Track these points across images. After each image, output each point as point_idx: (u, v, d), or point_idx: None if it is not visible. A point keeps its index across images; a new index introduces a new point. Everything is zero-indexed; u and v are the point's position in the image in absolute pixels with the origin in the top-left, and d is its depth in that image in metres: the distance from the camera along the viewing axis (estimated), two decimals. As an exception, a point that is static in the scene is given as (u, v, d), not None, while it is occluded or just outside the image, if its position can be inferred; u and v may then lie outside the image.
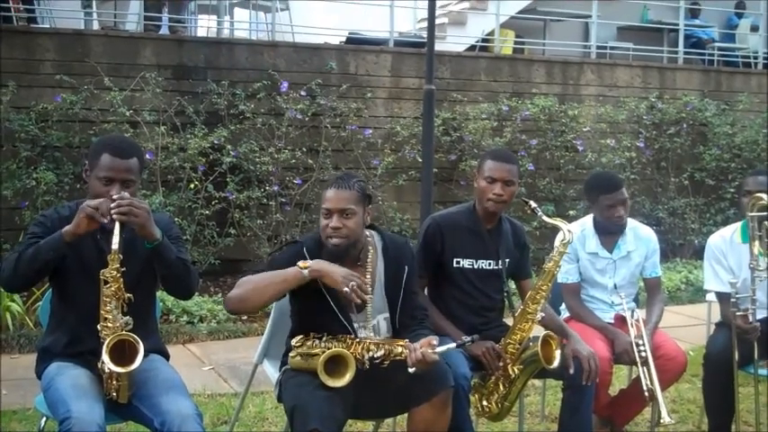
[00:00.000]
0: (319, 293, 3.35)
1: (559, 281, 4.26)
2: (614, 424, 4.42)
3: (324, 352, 3.19)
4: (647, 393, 3.99)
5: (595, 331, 4.23)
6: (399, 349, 3.25)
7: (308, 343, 3.32)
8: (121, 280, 3.08)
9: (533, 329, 3.78)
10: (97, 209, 3.05)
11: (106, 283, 3.07)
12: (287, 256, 3.40)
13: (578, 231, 4.32)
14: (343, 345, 3.26)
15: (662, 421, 3.88)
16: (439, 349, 3.20)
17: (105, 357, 2.99)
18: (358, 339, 3.31)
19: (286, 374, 3.40)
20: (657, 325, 4.29)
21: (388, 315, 3.50)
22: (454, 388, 3.41)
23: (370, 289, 3.33)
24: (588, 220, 4.46)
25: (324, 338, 3.31)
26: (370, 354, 3.26)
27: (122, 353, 3.02)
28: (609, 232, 4.39)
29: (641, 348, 4.07)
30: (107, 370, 3.05)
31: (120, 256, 3.06)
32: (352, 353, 3.22)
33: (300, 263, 3.25)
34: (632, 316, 4.23)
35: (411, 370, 3.18)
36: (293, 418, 3.13)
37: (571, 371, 3.71)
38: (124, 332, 3.06)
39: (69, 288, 3.28)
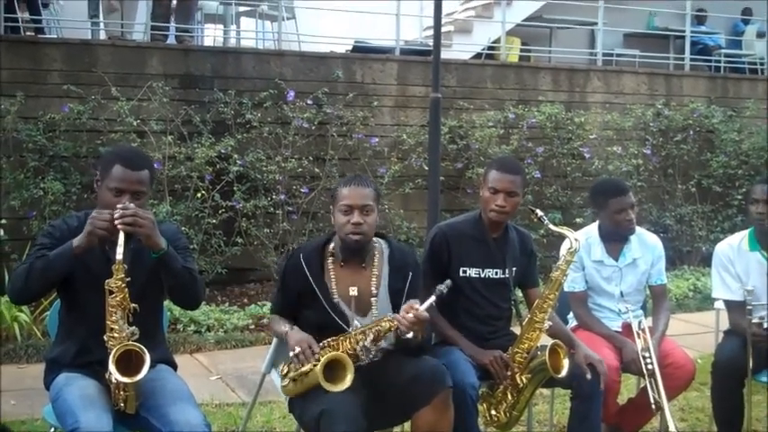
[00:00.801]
0: (315, 300, 3.41)
1: (566, 290, 4.25)
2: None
3: (316, 365, 3.20)
4: (654, 405, 3.98)
5: (603, 340, 4.22)
6: (387, 325, 3.28)
7: (293, 365, 3.35)
8: (126, 290, 3.08)
9: (541, 338, 3.78)
10: (98, 226, 3.07)
11: (111, 293, 3.08)
12: (292, 270, 3.54)
13: (583, 240, 4.30)
14: (330, 350, 3.28)
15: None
16: (423, 306, 3.25)
17: (112, 367, 3.00)
18: (343, 336, 3.34)
19: None
20: (664, 334, 4.28)
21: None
22: (462, 396, 3.43)
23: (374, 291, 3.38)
24: (593, 228, 4.45)
25: None
26: (361, 343, 3.28)
27: (129, 363, 3.03)
28: (614, 239, 4.38)
29: (648, 360, 4.05)
30: (114, 380, 3.05)
31: (126, 267, 3.07)
32: (343, 352, 3.25)
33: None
34: (639, 326, 4.21)
35: (409, 335, 3.23)
36: (320, 423, 3.12)
37: (588, 376, 3.70)
38: (130, 342, 3.07)
39: (77, 298, 3.28)
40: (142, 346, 3.04)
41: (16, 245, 6.84)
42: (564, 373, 3.63)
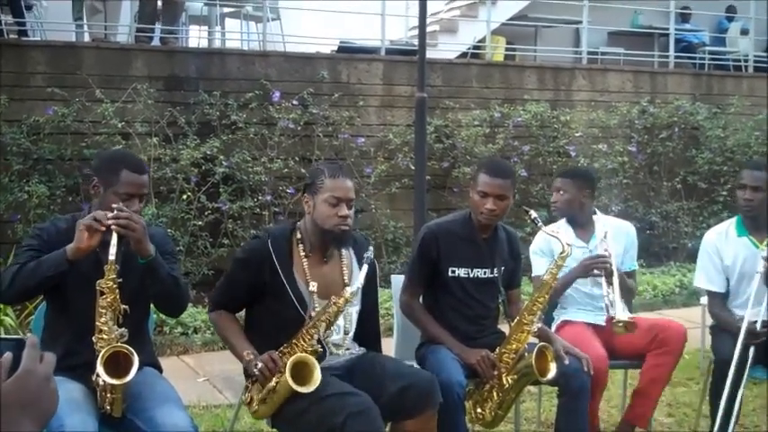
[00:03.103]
0: (280, 290, 3.39)
1: (533, 275, 4.40)
2: (638, 425, 4.33)
3: (281, 375, 3.17)
4: (606, 304, 4.05)
5: (589, 333, 4.22)
6: (334, 309, 3.28)
7: (257, 386, 3.31)
8: (117, 291, 3.08)
9: (529, 339, 3.78)
10: (96, 219, 3.06)
11: (102, 294, 3.07)
12: (253, 254, 3.47)
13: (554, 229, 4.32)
14: (288, 356, 3.23)
15: (615, 316, 3.97)
16: (360, 277, 3.35)
17: (100, 369, 2.98)
18: (294, 339, 3.29)
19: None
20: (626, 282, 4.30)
21: (359, 307, 3.56)
22: (448, 394, 3.45)
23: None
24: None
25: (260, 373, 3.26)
26: (316, 336, 3.26)
27: (117, 365, 3.02)
28: (578, 224, 4.45)
29: (608, 262, 4.12)
30: (101, 382, 3.04)
31: (117, 267, 3.07)
32: (303, 352, 3.23)
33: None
34: (604, 237, 4.27)
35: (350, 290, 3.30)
36: (347, 428, 3.08)
37: (566, 362, 3.71)
38: (119, 344, 3.05)
39: (66, 300, 3.27)
40: (131, 348, 3.03)
41: (1, 248, 6.81)
42: (550, 376, 3.64)
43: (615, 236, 4.40)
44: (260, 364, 3.20)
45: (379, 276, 7.68)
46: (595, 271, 4.18)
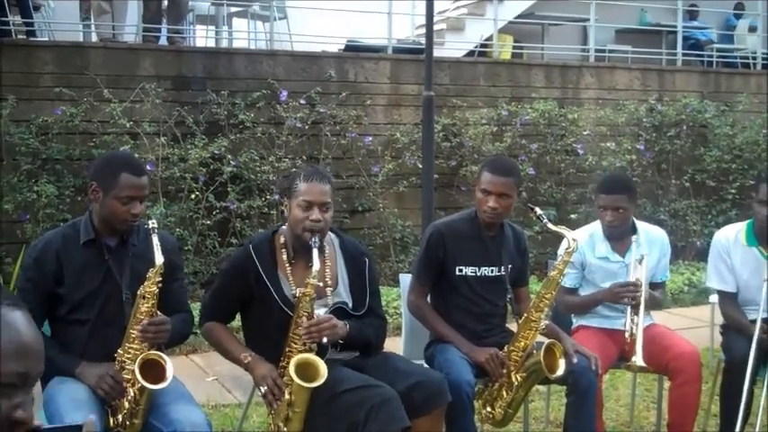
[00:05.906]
0: (267, 295, 3.41)
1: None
2: None
3: (290, 384, 3.20)
4: (627, 336, 3.97)
5: (599, 335, 4.21)
6: (305, 304, 3.29)
7: (276, 413, 3.30)
8: (157, 297, 3.15)
9: (537, 337, 3.78)
10: (108, 393, 3.13)
11: (144, 297, 3.13)
12: (237, 262, 3.54)
13: (586, 236, 4.27)
14: (291, 355, 3.27)
15: (633, 360, 3.89)
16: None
17: (138, 374, 3.03)
18: (287, 347, 3.31)
19: None
20: (653, 296, 4.26)
21: (350, 303, 3.55)
22: (458, 393, 3.45)
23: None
24: (597, 224, 4.38)
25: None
26: (302, 331, 3.27)
27: (144, 372, 3.06)
28: (617, 237, 4.31)
29: (638, 292, 4.04)
30: (132, 393, 3.08)
31: (161, 270, 3.15)
32: (298, 353, 3.26)
33: None
34: (640, 262, 4.15)
35: (324, 340, 3.27)
36: (373, 418, 3.09)
37: (575, 360, 3.70)
38: (153, 352, 3.12)
39: (75, 311, 3.27)
40: (165, 357, 3.10)
41: (11, 248, 6.83)
42: (559, 373, 3.64)
43: (649, 245, 4.32)
44: (264, 388, 3.27)
45: (387, 275, 7.69)
46: (624, 300, 4.08)
